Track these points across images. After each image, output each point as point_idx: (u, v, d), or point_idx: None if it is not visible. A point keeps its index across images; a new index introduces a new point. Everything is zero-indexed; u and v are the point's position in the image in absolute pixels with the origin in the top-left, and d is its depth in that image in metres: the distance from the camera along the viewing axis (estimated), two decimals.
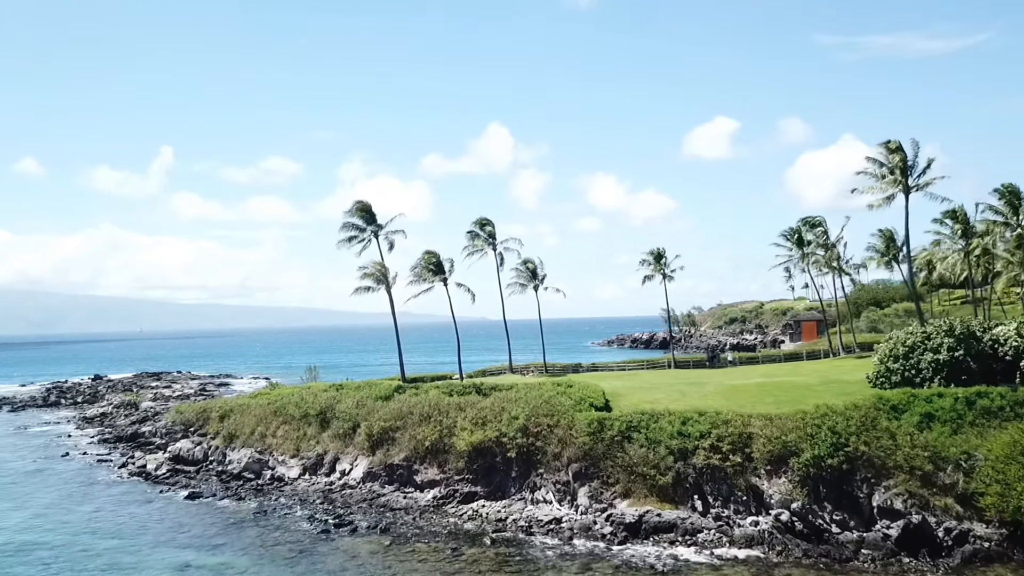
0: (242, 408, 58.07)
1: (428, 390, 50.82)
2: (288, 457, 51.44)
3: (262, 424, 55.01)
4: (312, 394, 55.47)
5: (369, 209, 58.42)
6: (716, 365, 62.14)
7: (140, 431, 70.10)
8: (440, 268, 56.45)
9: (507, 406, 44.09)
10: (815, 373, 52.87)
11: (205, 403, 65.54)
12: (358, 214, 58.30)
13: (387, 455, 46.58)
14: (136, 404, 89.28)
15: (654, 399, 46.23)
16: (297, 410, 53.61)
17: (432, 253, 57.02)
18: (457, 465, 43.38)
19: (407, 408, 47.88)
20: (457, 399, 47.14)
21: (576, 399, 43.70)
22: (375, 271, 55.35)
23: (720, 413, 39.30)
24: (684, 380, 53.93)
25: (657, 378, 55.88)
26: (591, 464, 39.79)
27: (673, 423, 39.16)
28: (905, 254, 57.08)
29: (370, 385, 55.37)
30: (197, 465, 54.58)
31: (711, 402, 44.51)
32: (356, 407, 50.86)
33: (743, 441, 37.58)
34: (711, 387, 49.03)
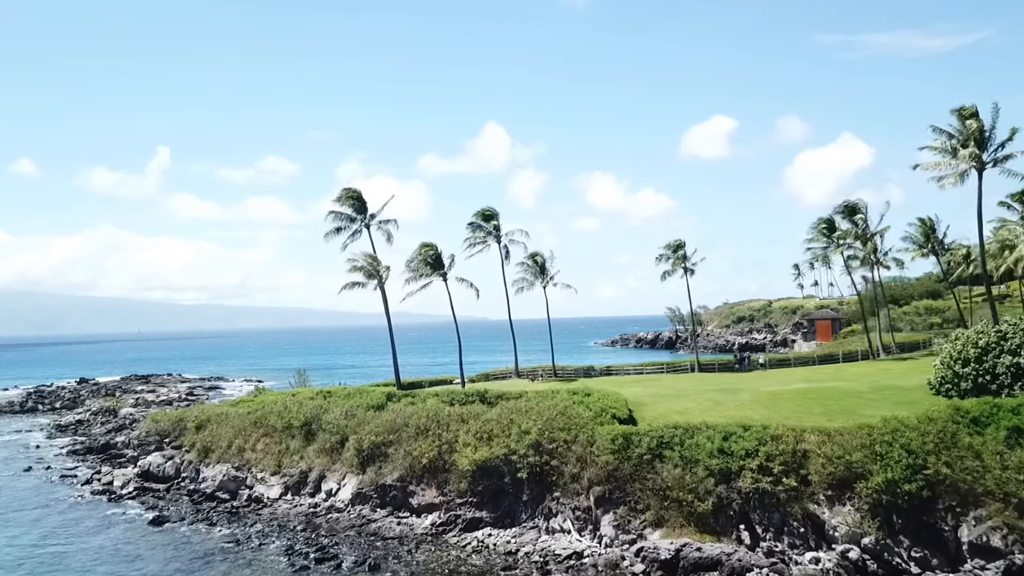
0: (220, 418, 52.27)
1: (426, 398, 45.04)
2: (268, 474, 45.63)
3: (241, 436, 49.20)
4: (297, 402, 49.70)
5: (360, 197, 52.66)
6: (745, 368, 56.37)
7: (113, 441, 64.35)
8: (439, 262, 50.68)
9: (516, 418, 38.29)
10: (862, 378, 47.09)
11: (182, 411, 59.77)
12: (348, 202, 52.53)
13: (379, 474, 40.77)
14: (115, 410, 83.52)
15: (684, 409, 40.45)
16: (279, 421, 47.85)
17: (430, 245, 51.18)
18: (459, 486, 37.58)
19: (402, 420, 42.08)
20: (459, 409, 41.34)
21: (596, 410, 37.89)
22: (366, 264, 49.54)
23: (767, 427, 33.48)
24: (714, 385, 48.12)
25: (682, 383, 50.14)
26: (616, 487, 33.99)
27: (713, 439, 33.36)
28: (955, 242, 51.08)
29: (361, 392, 49.58)
30: (168, 482, 48.79)
31: (750, 412, 38.74)
32: (345, 418, 45.09)
33: (797, 461, 31.79)
34: (747, 394, 43.24)
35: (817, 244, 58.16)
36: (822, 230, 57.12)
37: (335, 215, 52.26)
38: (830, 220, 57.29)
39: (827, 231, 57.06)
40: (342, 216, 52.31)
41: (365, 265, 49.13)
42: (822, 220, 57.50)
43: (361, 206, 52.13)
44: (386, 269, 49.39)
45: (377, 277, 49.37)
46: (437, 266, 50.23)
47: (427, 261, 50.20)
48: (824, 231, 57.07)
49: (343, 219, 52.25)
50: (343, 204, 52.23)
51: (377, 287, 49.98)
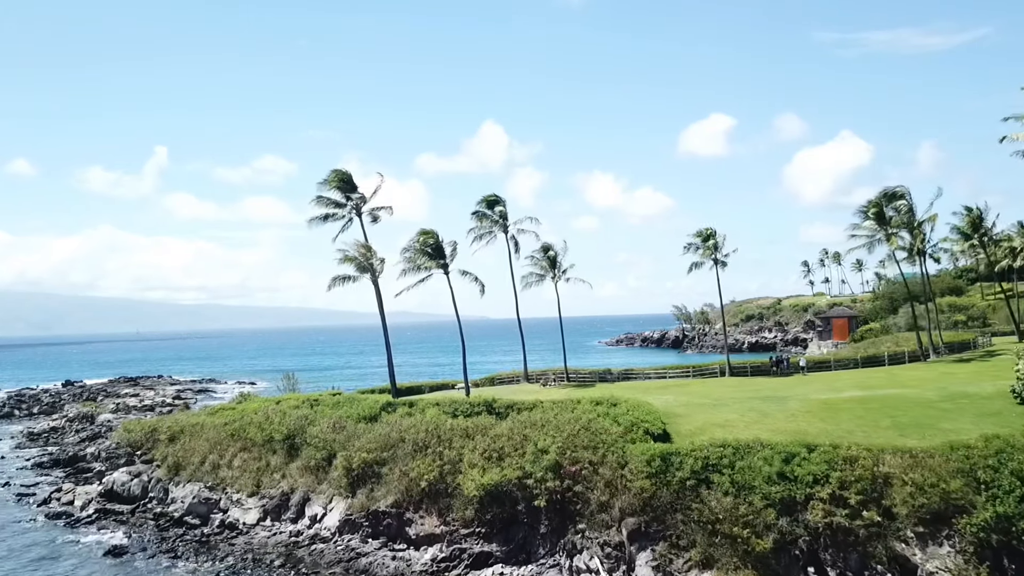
0: (194, 429, 46.53)
1: (425, 408, 39.26)
2: (245, 495, 39.87)
3: (216, 450, 43.46)
4: (280, 412, 43.96)
5: (349, 179, 46.84)
6: (783, 372, 50.54)
7: (82, 453, 58.61)
8: (439, 252, 44.82)
9: (532, 434, 32.54)
10: (924, 383, 41.31)
11: (156, 420, 54.00)
12: (335, 185, 46.70)
13: (371, 497, 35.02)
14: (92, 417, 77.77)
15: (725, 421, 34.70)
16: (259, 433, 42.14)
17: (429, 232, 45.24)
18: (464, 514, 31.84)
19: (397, 434, 36.33)
20: (463, 422, 35.57)
21: (626, 424, 32.12)
22: (357, 253, 43.69)
23: (838, 446, 27.72)
24: (754, 392, 42.34)
25: (716, 390, 44.38)
26: (654, 519, 28.26)
27: (771, 461, 27.62)
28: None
29: (351, 401, 43.83)
30: (134, 503, 43.05)
31: (804, 425, 33.01)
32: (332, 431, 39.35)
33: (877, 489, 26.06)
34: (796, 403, 37.47)
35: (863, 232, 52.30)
36: (873, 215, 51.25)
37: (321, 200, 46.50)
38: (878, 203, 51.43)
39: (878, 217, 51.20)
40: (329, 201, 46.56)
41: (356, 256, 43.34)
42: (872, 203, 51.62)
43: (351, 190, 46.34)
44: (380, 261, 43.62)
45: (370, 270, 43.58)
46: (437, 256, 44.35)
47: (426, 251, 44.36)
48: (875, 216, 51.18)
49: (330, 204, 46.49)
50: (330, 188, 46.50)
51: (370, 281, 44.15)
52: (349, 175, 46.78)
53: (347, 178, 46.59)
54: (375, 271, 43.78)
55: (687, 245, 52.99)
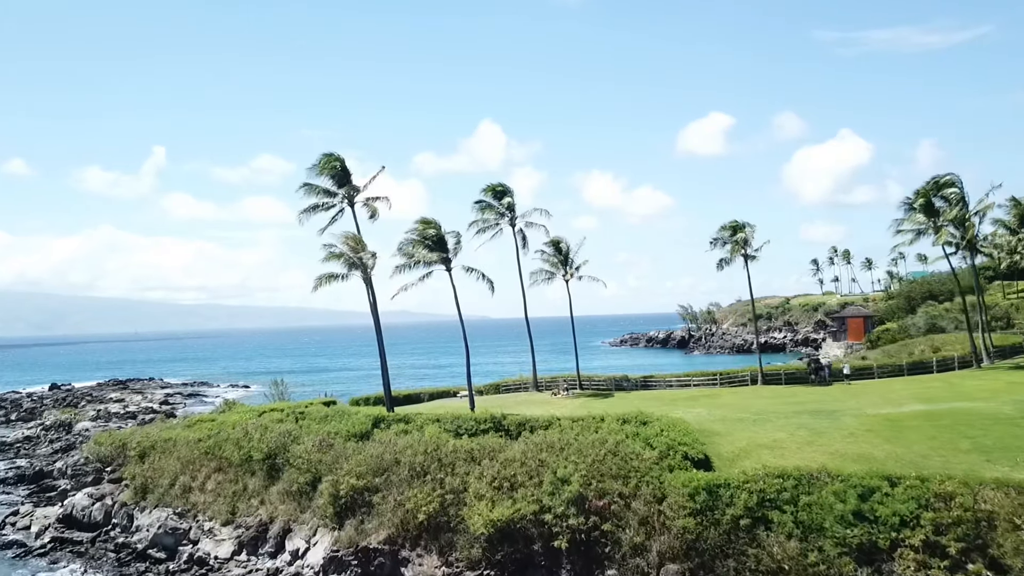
0: (166, 445, 41.57)
1: (423, 424, 34.26)
2: (218, 524, 34.91)
3: (188, 471, 38.50)
4: (261, 427, 38.96)
5: (343, 166, 41.77)
6: (822, 381, 45.50)
7: (50, 468, 53.70)
8: (441, 244, 39.75)
9: (549, 459, 27.58)
10: (994, 395, 36.36)
11: (127, 433, 49.07)
12: (327, 172, 41.64)
13: (360, 531, 30.08)
14: (70, 425, 72.84)
15: (773, 442, 29.76)
16: (237, 452, 37.18)
17: (430, 222, 40.13)
18: (470, 554, 26.90)
19: (391, 456, 31.37)
20: (467, 443, 30.61)
21: (661, 448, 27.17)
22: (349, 245, 38.59)
23: (926, 479, 22.78)
24: (797, 405, 37.31)
25: (752, 401, 39.42)
26: (700, 565, 23.38)
27: (844, 496, 22.71)
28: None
29: (341, 415, 38.83)
30: (95, 531, 38.13)
31: (868, 448, 28.11)
32: (318, 450, 34.40)
33: (980, 534, 21.15)
34: (851, 419, 32.50)
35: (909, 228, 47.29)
36: (920, 206, 46.25)
37: (310, 188, 41.52)
38: (925, 193, 46.37)
39: (926, 208, 46.14)
40: (319, 190, 41.59)
41: (346, 251, 38.31)
42: (919, 193, 46.61)
43: (344, 178, 41.34)
44: (372, 256, 38.56)
45: (361, 266, 38.54)
46: (439, 249, 39.24)
47: (426, 242, 39.27)
48: (923, 207, 46.15)
49: (320, 193, 41.52)
50: (321, 174, 41.52)
51: (361, 280, 39.13)
52: (342, 161, 41.71)
53: (339, 165, 41.53)
54: (367, 267, 38.73)
55: (713, 240, 47.99)
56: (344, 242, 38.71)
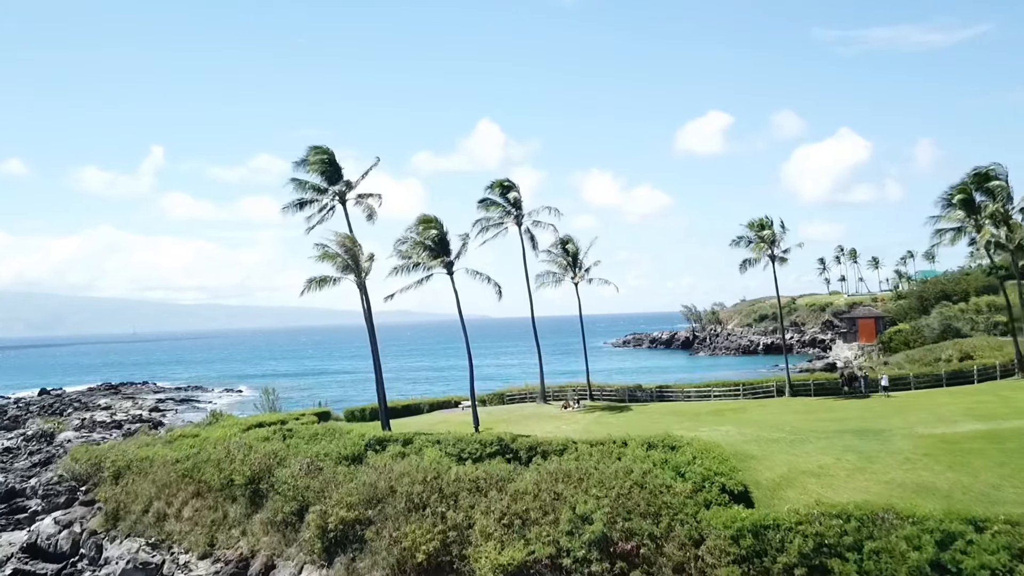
0: (142, 465, 38.08)
1: (422, 447, 30.74)
2: (195, 558, 31.42)
3: (164, 495, 35.02)
4: (245, 447, 35.45)
5: (332, 160, 38.24)
6: (857, 392, 41.93)
7: (23, 486, 50.19)
8: (443, 247, 36.17)
9: (566, 492, 24.06)
10: None
11: (106, 448, 45.61)
12: (316, 167, 38.10)
13: (352, 569, 26.60)
14: (52, 435, 69.36)
15: (818, 468, 26.27)
16: (217, 475, 33.69)
17: (431, 220, 36.48)
18: None
19: (386, 484, 27.86)
20: (472, 470, 27.08)
21: (694, 478, 23.67)
22: (339, 247, 35.03)
23: (1017, 523, 19.29)
24: (836, 422, 33.74)
25: (786, 417, 35.88)
26: None
27: (919, 543, 19.21)
28: None
29: (331, 434, 35.31)
30: (60, 563, 34.70)
31: (927, 475, 24.66)
32: (306, 474, 30.91)
33: None
34: (903, 441, 29.01)
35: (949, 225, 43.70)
36: (960, 202, 42.70)
37: (298, 185, 38.01)
38: (965, 187, 42.76)
39: (966, 204, 42.61)
40: (307, 186, 38.10)
41: (339, 252, 34.77)
42: (957, 189, 43.02)
43: (334, 173, 37.76)
44: (368, 258, 35.04)
45: (355, 269, 35.01)
46: (440, 252, 35.64)
47: (427, 244, 35.67)
48: (962, 203, 42.62)
49: (308, 189, 38.03)
50: (309, 169, 38.03)
51: (356, 284, 35.53)
52: (331, 154, 38.16)
53: (329, 158, 37.98)
54: (361, 270, 35.19)
55: (737, 239, 44.37)
56: (338, 242, 35.12)
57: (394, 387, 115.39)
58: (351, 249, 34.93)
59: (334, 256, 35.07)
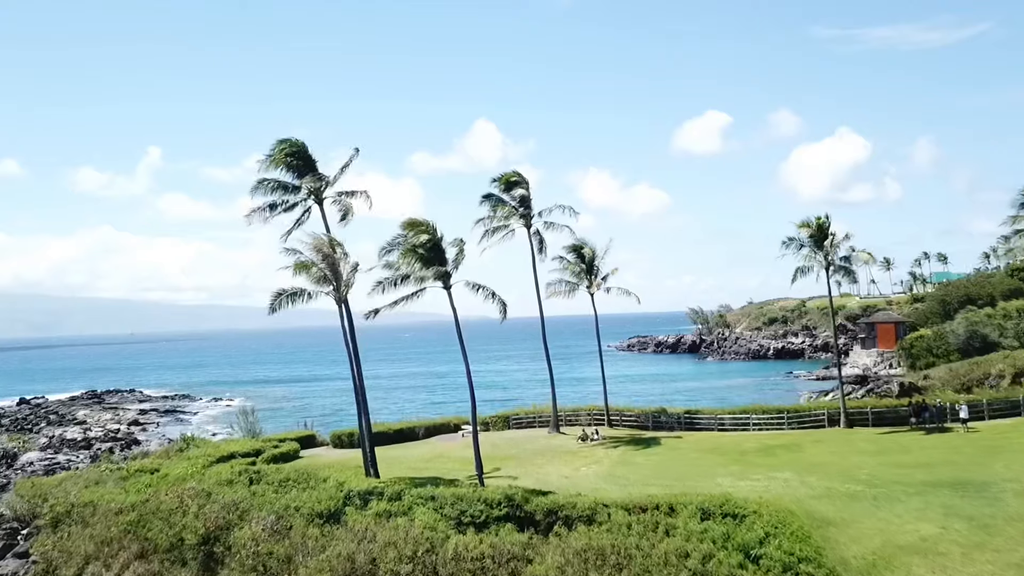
0: (82, 513, 32.11)
1: (412, 506, 24.71)
2: None
3: (103, 555, 29.00)
4: (202, 494, 29.48)
5: (304, 154, 32.15)
6: (931, 425, 35.69)
7: None
8: (438, 255, 30.01)
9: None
10: None
11: (54, 481, 39.70)
12: (283, 161, 32.06)
13: None
14: (15, 456, 63.42)
15: (921, 540, 20.29)
16: (166, 532, 27.76)
17: (422, 224, 30.01)
18: None
19: (366, 558, 21.91)
20: (475, 542, 21.10)
21: (774, 568, 17.72)
22: (318, 248, 28.88)
23: None
24: (924, 469, 27.47)
25: (853, 458, 29.75)
26: None
27: None
28: None
29: (305, 481, 29.29)
30: None
31: None
32: (270, 535, 24.97)
33: None
34: (1016, 498, 23.02)
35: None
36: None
37: (265, 186, 31.95)
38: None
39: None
40: (276, 185, 32.07)
41: (315, 261, 28.67)
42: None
43: (307, 168, 31.74)
44: (353, 268, 28.94)
45: (335, 281, 28.89)
46: (435, 260, 29.51)
47: (419, 252, 29.47)
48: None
49: (278, 189, 32.02)
50: (278, 166, 31.97)
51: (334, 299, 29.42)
52: (303, 147, 32.08)
53: (300, 151, 31.93)
54: (342, 282, 29.11)
55: (787, 240, 38.14)
56: (313, 246, 29.02)
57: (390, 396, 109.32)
58: (329, 256, 28.86)
59: (308, 266, 28.99)
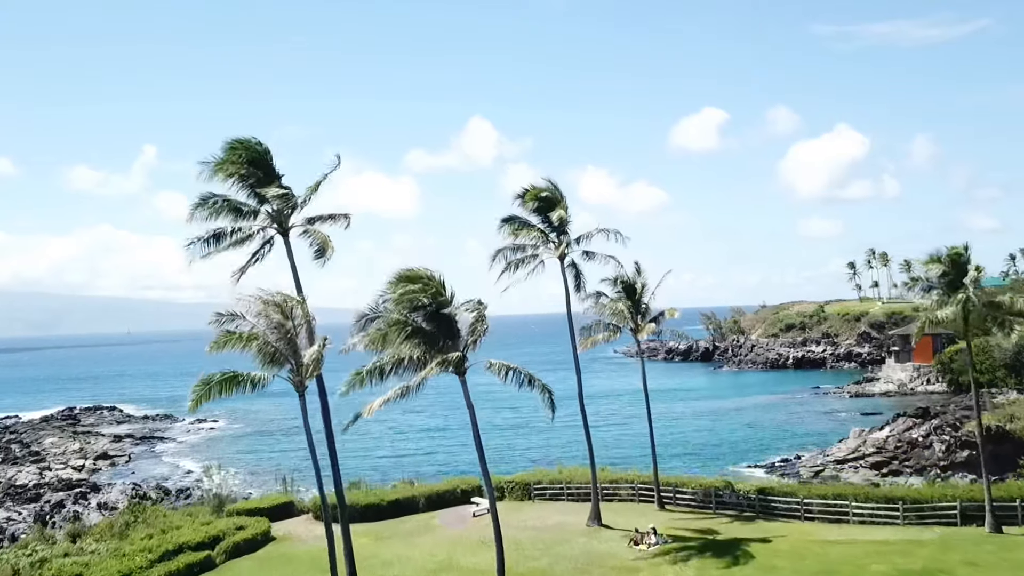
0: None
1: None
2: None
3: None
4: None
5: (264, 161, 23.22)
6: None
7: None
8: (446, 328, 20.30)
9: None
10: None
11: None
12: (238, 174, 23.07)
13: None
14: None
15: None
16: None
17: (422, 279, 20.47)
18: None
19: None
20: None
21: None
22: (265, 313, 19.61)
23: None
24: None
25: None
26: None
27: None
28: None
29: None
30: None
31: None
32: None
33: None
34: None
35: None
36: None
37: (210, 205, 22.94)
38: None
39: None
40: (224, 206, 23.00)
41: (265, 333, 19.49)
42: None
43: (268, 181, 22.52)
44: (322, 344, 19.64)
45: (292, 360, 19.86)
46: (443, 332, 20.18)
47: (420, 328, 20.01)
48: None
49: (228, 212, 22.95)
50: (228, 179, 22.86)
51: (292, 381, 20.39)
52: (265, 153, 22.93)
53: (260, 158, 22.93)
54: (302, 363, 19.94)
55: (910, 281, 29.41)
56: (260, 313, 19.80)
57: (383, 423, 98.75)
58: (283, 325, 19.79)
59: (252, 339, 19.88)
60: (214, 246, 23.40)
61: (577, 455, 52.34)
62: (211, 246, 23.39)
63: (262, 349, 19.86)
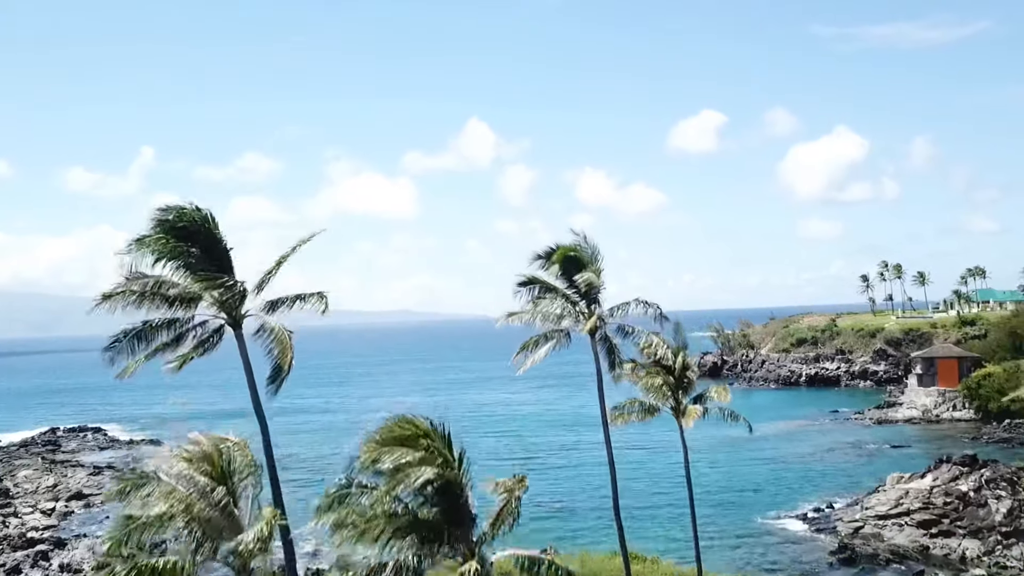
0: None
1: None
2: None
3: None
4: None
5: (205, 231, 17.58)
6: None
7: None
8: (455, 516, 15.24)
9: None
10: None
11: None
12: (169, 252, 17.45)
13: None
14: None
15: None
16: None
17: (424, 433, 14.70)
18: None
19: None
20: None
21: None
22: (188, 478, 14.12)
23: None
24: None
25: None
26: None
27: None
28: None
29: None
30: None
31: None
32: None
33: None
34: None
35: None
36: None
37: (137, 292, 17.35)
38: None
39: None
40: (155, 292, 17.44)
41: (187, 496, 13.89)
42: None
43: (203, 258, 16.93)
44: (271, 518, 13.88)
45: (229, 534, 14.50)
46: (452, 521, 14.85)
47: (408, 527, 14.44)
48: None
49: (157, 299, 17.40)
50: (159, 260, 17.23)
51: (232, 566, 14.96)
52: (205, 219, 17.28)
53: (199, 228, 17.20)
54: (240, 541, 14.48)
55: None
56: (183, 475, 14.02)
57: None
58: (214, 497, 14.05)
59: (168, 517, 14.10)
60: (144, 344, 17.72)
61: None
62: (138, 345, 17.75)
63: (192, 513, 14.10)
